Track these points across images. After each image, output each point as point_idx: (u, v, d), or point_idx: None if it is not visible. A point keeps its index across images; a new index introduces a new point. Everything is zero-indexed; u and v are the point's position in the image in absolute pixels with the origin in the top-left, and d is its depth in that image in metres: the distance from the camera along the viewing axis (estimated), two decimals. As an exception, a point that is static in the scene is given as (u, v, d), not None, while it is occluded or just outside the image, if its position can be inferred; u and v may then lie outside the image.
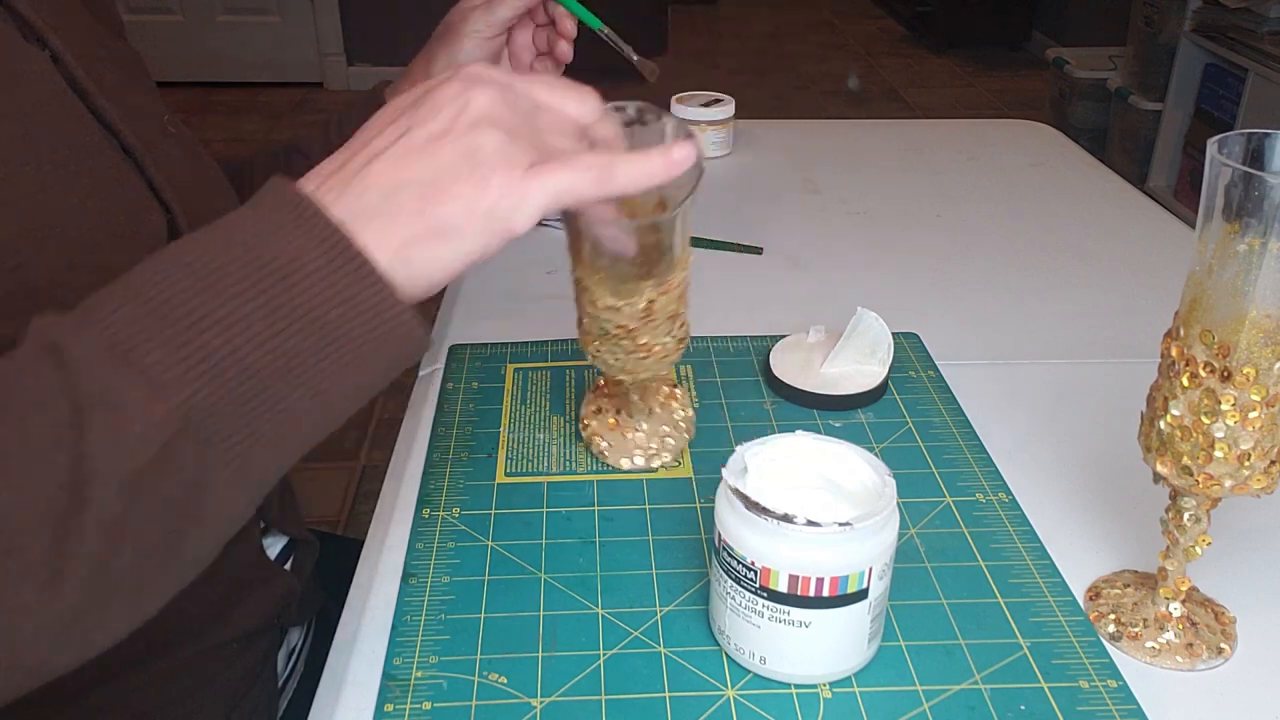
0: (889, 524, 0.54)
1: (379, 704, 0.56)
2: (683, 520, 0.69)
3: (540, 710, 0.55)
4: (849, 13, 5.58)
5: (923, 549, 0.66)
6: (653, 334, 0.65)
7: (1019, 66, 4.69)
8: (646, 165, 0.50)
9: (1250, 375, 0.51)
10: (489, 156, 0.46)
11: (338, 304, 0.44)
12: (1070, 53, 3.66)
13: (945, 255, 1.06)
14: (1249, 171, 0.49)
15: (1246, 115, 2.80)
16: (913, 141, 1.35)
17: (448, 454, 0.74)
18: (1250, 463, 0.53)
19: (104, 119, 0.61)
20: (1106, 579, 0.64)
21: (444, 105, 0.47)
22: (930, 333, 0.90)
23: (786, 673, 0.57)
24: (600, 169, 0.48)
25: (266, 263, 0.44)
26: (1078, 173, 1.28)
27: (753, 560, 0.54)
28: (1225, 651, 0.59)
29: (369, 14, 4.25)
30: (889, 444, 0.76)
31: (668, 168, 0.50)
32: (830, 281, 1.01)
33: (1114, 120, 3.42)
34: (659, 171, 0.50)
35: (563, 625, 0.60)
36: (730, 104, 1.30)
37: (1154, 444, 0.56)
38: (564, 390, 0.82)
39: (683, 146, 0.51)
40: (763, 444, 0.59)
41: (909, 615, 0.61)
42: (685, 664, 0.58)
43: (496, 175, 0.46)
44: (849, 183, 1.23)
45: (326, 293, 0.44)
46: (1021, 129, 1.42)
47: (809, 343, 0.85)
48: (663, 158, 0.50)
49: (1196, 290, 0.52)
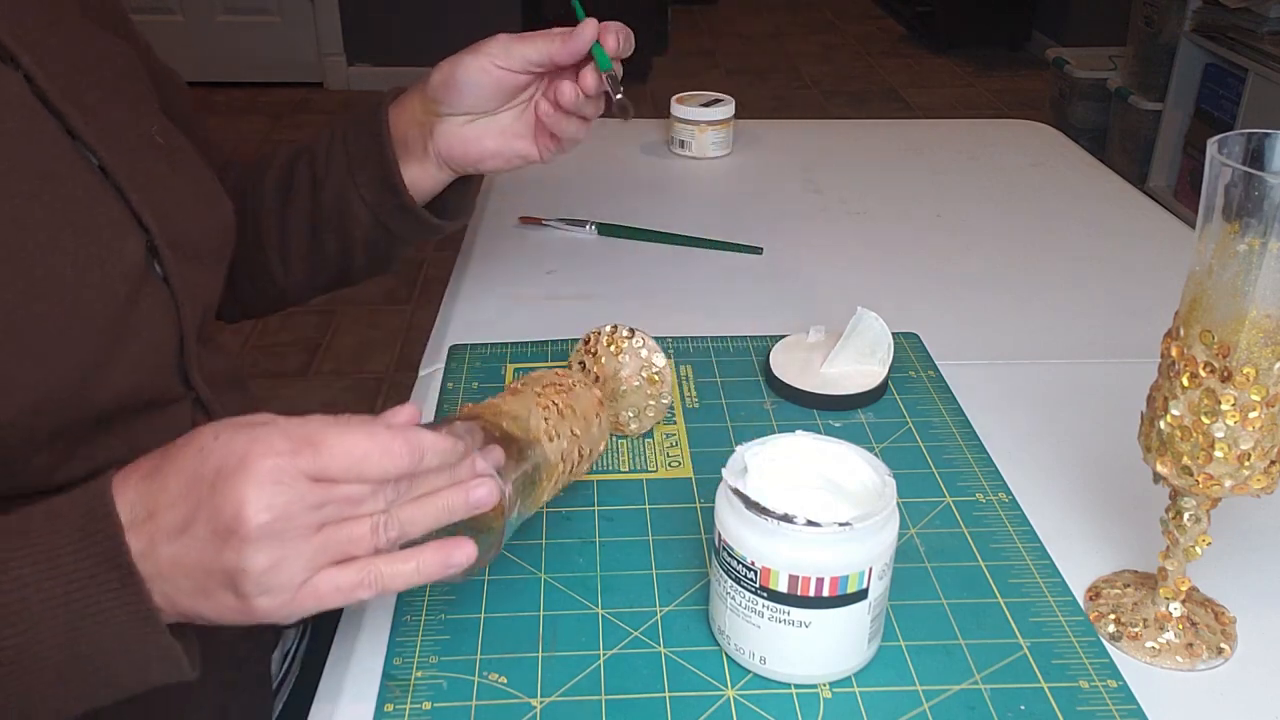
0: (889, 524, 0.54)
1: (379, 704, 0.56)
2: (683, 520, 0.69)
3: (540, 710, 0.55)
4: (849, 13, 5.58)
5: (923, 549, 0.66)
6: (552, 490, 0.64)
7: (1019, 66, 4.69)
8: (425, 569, 0.51)
9: (1250, 375, 0.51)
10: (257, 582, 0.47)
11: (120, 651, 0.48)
12: (1070, 53, 3.66)
13: (945, 255, 1.06)
14: (1249, 171, 0.49)
15: (1246, 115, 2.80)
16: (913, 141, 1.35)
17: (448, 454, 0.74)
18: (1250, 463, 0.53)
19: (80, 139, 0.60)
20: (1106, 579, 0.64)
21: (228, 505, 0.47)
22: (930, 333, 0.90)
23: (786, 673, 0.56)
24: (375, 580, 0.50)
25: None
26: (1078, 173, 1.28)
27: (753, 560, 0.54)
28: (1225, 651, 0.59)
29: (369, 14, 4.25)
30: (889, 444, 0.76)
31: (443, 567, 0.51)
32: (830, 281, 1.01)
33: (1114, 120, 3.42)
34: (435, 571, 0.51)
35: (563, 625, 0.60)
36: (730, 104, 1.30)
37: (1154, 444, 0.56)
38: (564, 390, 0.82)
39: (479, 490, 0.52)
40: (763, 444, 0.59)
41: (909, 615, 0.61)
42: (685, 664, 0.58)
43: (263, 599, 0.48)
44: (849, 183, 1.23)
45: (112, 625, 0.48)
46: (1021, 129, 1.41)
47: (809, 343, 0.85)
48: (440, 556, 0.51)
49: (1196, 290, 0.52)
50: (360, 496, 0.49)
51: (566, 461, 0.62)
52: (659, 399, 0.74)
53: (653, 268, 1.02)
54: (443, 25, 4.25)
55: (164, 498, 0.48)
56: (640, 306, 0.95)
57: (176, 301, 0.65)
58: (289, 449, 0.47)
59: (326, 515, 0.49)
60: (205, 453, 0.48)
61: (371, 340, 2.61)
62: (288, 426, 0.49)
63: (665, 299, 0.96)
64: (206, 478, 0.47)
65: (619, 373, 0.73)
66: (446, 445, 0.51)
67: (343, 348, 2.57)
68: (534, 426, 0.60)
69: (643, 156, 1.30)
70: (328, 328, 2.65)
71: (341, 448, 0.48)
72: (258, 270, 0.85)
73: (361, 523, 0.50)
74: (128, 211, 0.62)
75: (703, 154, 1.28)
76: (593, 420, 0.67)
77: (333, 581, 0.49)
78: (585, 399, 0.67)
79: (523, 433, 0.59)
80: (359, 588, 0.49)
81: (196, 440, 0.49)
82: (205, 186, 0.72)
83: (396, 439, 0.49)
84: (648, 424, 0.76)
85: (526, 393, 0.63)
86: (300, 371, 2.48)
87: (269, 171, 0.84)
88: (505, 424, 0.59)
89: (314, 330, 2.64)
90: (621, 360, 0.73)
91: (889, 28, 5.33)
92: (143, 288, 0.62)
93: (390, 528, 0.50)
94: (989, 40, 4.85)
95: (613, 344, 0.74)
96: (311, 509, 0.48)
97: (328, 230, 0.82)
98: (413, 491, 0.51)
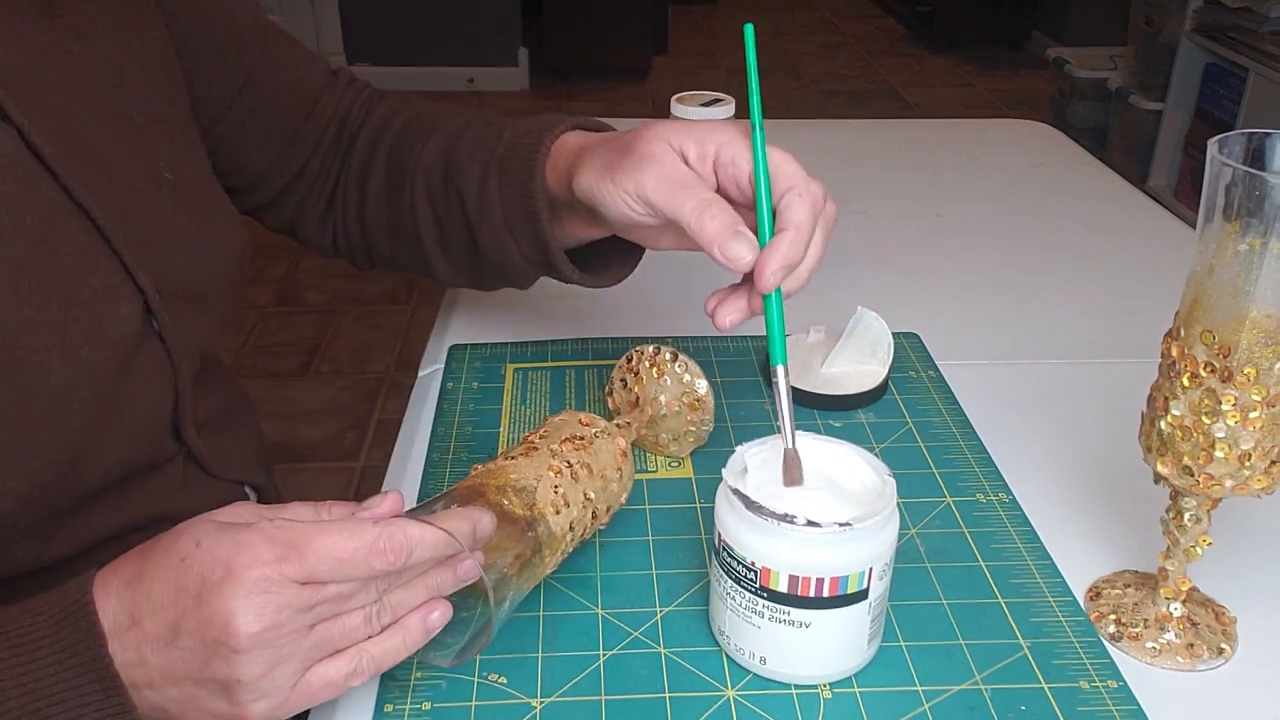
0: (889, 524, 0.54)
1: (379, 704, 0.55)
2: (683, 520, 0.69)
3: (540, 710, 0.55)
4: (849, 13, 5.58)
5: (923, 549, 0.66)
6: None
7: (1019, 66, 4.69)
8: (410, 639, 0.51)
9: (1251, 375, 0.51)
10: (252, 689, 0.47)
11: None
12: (1070, 52, 3.66)
13: (945, 255, 1.06)
14: (1250, 171, 0.49)
15: (1247, 115, 2.80)
16: (913, 141, 1.35)
17: (448, 454, 0.74)
18: (1251, 463, 0.53)
19: (74, 197, 0.57)
20: (1107, 579, 0.64)
21: (217, 617, 0.46)
22: (930, 333, 0.90)
23: (786, 673, 0.56)
24: (367, 664, 0.49)
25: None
26: (1078, 173, 1.28)
27: (753, 560, 0.54)
28: (1225, 652, 0.59)
29: (369, 14, 4.25)
30: (889, 444, 0.76)
31: (425, 633, 0.51)
32: (830, 281, 1.01)
33: (1114, 120, 3.42)
34: (419, 636, 0.51)
35: (563, 625, 0.60)
36: (730, 104, 1.30)
37: (1154, 444, 0.56)
38: (564, 390, 0.82)
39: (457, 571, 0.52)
40: (763, 444, 0.59)
41: (909, 615, 0.61)
42: (685, 664, 0.58)
43: (259, 704, 0.47)
44: (849, 183, 1.23)
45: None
46: (1021, 129, 1.41)
47: (809, 343, 0.85)
48: (419, 620, 0.51)
49: (1197, 290, 0.52)
50: (351, 593, 0.48)
51: (577, 528, 0.60)
52: (700, 425, 0.72)
53: (653, 267, 1.02)
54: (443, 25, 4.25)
55: (147, 605, 0.47)
56: (640, 306, 0.95)
57: (173, 360, 0.63)
58: (274, 557, 0.46)
59: (318, 615, 0.48)
60: (188, 562, 0.47)
61: (371, 340, 2.61)
62: (271, 531, 0.47)
63: (665, 299, 0.96)
64: (191, 588, 0.46)
65: (659, 396, 0.71)
66: (435, 540, 0.49)
67: (342, 348, 2.58)
68: (540, 499, 0.57)
69: (643, 156, 1.29)
70: (327, 327, 2.65)
71: (327, 550, 0.47)
72: (415, 257, 0.78)
73: (354, 616, 0.49)
74: (123, 272, 0.59)
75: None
76: (612, 477, 0.63)
77: (324, 676, 0.49)
78: (606, 452, 0.63)
79: (526, 510, 0.57)
80: (352, 676, 0.49)
81: (177, 547, 0.48)
82: (214, 224, 0.68)
83: (382, 537, 0.47)
84: (688, 447, 0.73)
85: (542, 451, 0.60)
86: (300, 371, 2.48)
87: (417, 178, 0.74)
88: (506, 503, 0.56)
89: (314, 330, 2.64)
90: (663, 383, 0.71)
91: (889, 27, 5.33)
92: (137, 353, 0.60)
93: (383, 615, 0.50)
94: (989, 40, 4.85)
95: (655, 366, 0.71)
96: (301, 612, 0.47)
97: (491, 270, 0.75)
98: (403, 576, 0.50)
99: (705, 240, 0.58)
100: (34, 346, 0.54)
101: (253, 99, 0.74)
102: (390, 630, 0.50)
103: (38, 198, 0.55)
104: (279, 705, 0.48)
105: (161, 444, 0.64)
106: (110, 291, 0.58)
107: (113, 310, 0.58)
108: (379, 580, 0.49)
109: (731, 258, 0.58)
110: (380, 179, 0.77)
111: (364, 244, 0.81)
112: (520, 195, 0.68)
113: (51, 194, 0.56)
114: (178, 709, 0.48)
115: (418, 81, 4.29)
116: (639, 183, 0.60)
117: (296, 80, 0.77)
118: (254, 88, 0.74)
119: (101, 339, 0.57)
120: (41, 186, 0.56)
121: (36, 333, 0.54)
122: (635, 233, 0.67)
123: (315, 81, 0.78)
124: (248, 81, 0.74)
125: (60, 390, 0.55)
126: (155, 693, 0.48)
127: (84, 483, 0.58)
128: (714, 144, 0.60)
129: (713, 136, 0.61)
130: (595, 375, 0.83)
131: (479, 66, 4.34)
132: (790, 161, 0.60)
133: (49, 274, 0.55)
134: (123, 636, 0.47)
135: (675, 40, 4.91)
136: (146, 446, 0.62)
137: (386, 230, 0.78)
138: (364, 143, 0.79)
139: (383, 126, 0.78)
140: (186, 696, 0.48)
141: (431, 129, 0.76)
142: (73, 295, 0.56)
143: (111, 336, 0.57)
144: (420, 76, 4.30)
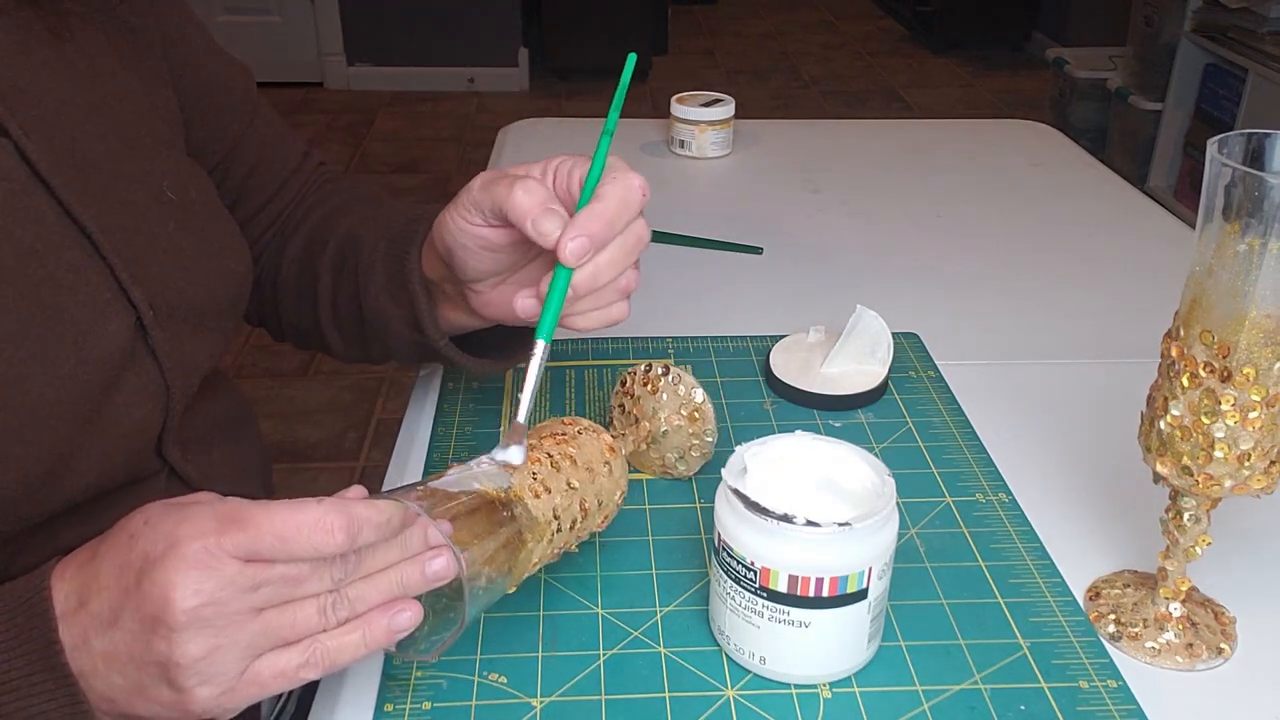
0: (889, 524, 0.54)
1: (379, 704, 0.56)
2: (683, 520, 0.69)
3: (540, 710, 0.55)
4: (849, 13, 5.58)
5: (923, 549, 0.66)
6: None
7: (1019, 66, 4.69)
8: (372, 637, 0.49)
9: (1250, 375, 0.51)
10: (193, 672, 0.45)
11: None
12: (1070, 53, 3.67)
13: (945, 255, 1.06)
14: (1249, 171, 0.49)
15: (1246, 115, 2.80)
16: (913, 141, 1.35)
17: (448, 454, 0.74)
18: (1250, 463, 0.53)
19: (70, 212, 0.57)
20: (1106, 579, 0.64)
21: (155, 592, 0.45)
22: (930, 333, 0.90)
23: (786, 673, 0.56)
24: (321, 657, 0.48)
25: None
26: (1078, 173, 1.28)
27: (752, 560, 0.54)
28: (1225, 651, 0.59)
29: (369, 14, 4.25)
30: (889, 444, 0.76)
31: (389, 633, 0.49)
32: (830, 281, 1.01)
33: (1114, 120, 3.42)
34: (382, 636, 0.49)
35: (563, 625, 0.60)
36: (730, 104, 1.30)
37: (1154, 444, 0.56)
38: (564, 390, 0.82)
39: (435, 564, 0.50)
40: (763, 444, 0.59)
41: (909, 615, 0.61)
42: (685, 664, 0.58)
43: (202, 690, 0.46)
44: (849, 183, 1.23)
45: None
46: (1021, 129, 1.41)
47: (809, 343, 0.85)
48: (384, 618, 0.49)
49: (1196, 290, 0.52)
50: (300, 576, 0.47)
51: (563, 517, 0.58)
52: (702, 437, 0.71)
53: (653, 267, 1.02)
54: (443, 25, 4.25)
55: (94, 585, 0.47)
56: (640, 307, 0.94)
57: (166, 379, 0.62)
58: (215, 529, 0.45)
59: (265, 598, 0.46)
60: (135, 539, 0.46)
61: (371, 340, 2.60)
62: (217, 507, 0.46)
63: (665, 299, 0.96)
64: (134, 565, 0.46)
65: (658, 413, 0.70)
66: (383, 514, 0.47)
67: (343, 348, 2.57)
68: (518, 484, 0.56)
69: (643, 156, 1.30)
70: (328, 328, 2.65)
71: (269, 525, 0.45)
72: (310, 330, 0.79)
73: (306, 605, 0.47)
74: (116, 288, 0.58)
75: (703, 154, 1.28)
76: (599, 469, 0.61)
77: (274, 665, 0.47)
78: (590, 446, 0.62)
79: (500, 492, 0.55)
80: (304, 668, 0.47)
81: (129, 525, 0.47)
82: (217, 243, 0.67)
83: (329, 513, 0.46)
84: (695, 465, 0.71)
85: None
86: (300, 371, 2.48)
87: (330, 244, 0.75)
88: (478, 484, 0.54)
89: (314, 330, 2.64)
90: (660, 400, 0.70)
91: (889, 28, 5.33)
92: (125, 370, 0.59)
93: (339, 607, 0.48)
94: (989, 40, 4.85)
95: (648, 384, 0.71)
96: (245, 591, 0.45)
97: (374, 339, 0.75)
98: (363, 568, 0.49)
99: (518, 215, 0.57)
100: (13, 359, 0.53)
101: (232, 167, 0.76)
102: (350, 625, 0.48)
103: (29, 211, 0.55)
104: (225, 693, 0.46)
105: (144, 461, 0.63)
106: (100, 307, 0.57)
107: (100, 326, 0.57)
108: (332, 567, 0.47)
109: (542, 232, 0.57)
110: (300, 243, 0.78)
111: (275, 308, 0.81)
112: (399, 260, 0.69)
113: (45, 208, 0.56)
114: (125, 698, 0.47)
115: (418, 81, 4.30)
116: (468, 191, 0.61)
117: (275, 157, 0.79)
118: (237, 156, 0.76)
119: (86, 354, 0.56)
120: (35, 200, 0.56)
121: (17, 345, 0.53)
122: (499, 312, 0.66)
123: (292, 162, 0.81)
124: (233, 150, 0.75)
125: (38, 404, 0.54)
126: (101, 681, 0.47)
127: (60, 496, 0.57)
128: (554, 161, 0.61)
129: (554, 159, 0.62)
130: (595, 375, 0.84)
131: (479, 66, 4.34)
132: (621, 162, 0.60)
133: (35, 287, 0.54)
134: (69, 620, 0.47)
135: (675, 40, 4.91)
136: (128, 463, 0.61)
137: (294, 292, 0.78)
138: (305, 219, 0.80)
139: (323, 204, 0.80)
140: (132, 684, 0.47)
141: (363, 204, 0.78)
142: (59, 309, 0.55)
143: (97, 352, 0.57)
144: (420, 76, 4.30)
